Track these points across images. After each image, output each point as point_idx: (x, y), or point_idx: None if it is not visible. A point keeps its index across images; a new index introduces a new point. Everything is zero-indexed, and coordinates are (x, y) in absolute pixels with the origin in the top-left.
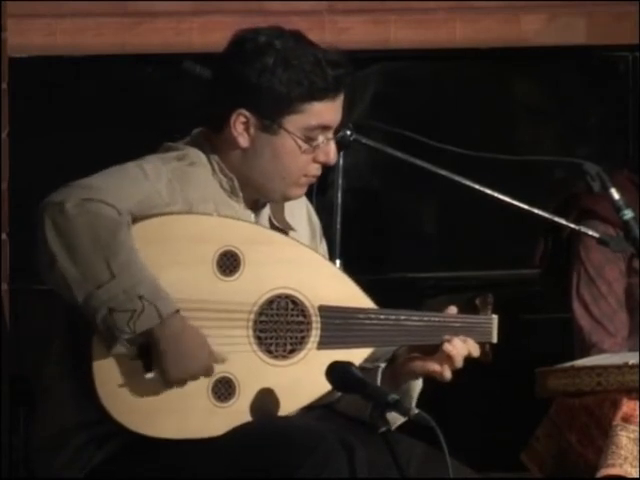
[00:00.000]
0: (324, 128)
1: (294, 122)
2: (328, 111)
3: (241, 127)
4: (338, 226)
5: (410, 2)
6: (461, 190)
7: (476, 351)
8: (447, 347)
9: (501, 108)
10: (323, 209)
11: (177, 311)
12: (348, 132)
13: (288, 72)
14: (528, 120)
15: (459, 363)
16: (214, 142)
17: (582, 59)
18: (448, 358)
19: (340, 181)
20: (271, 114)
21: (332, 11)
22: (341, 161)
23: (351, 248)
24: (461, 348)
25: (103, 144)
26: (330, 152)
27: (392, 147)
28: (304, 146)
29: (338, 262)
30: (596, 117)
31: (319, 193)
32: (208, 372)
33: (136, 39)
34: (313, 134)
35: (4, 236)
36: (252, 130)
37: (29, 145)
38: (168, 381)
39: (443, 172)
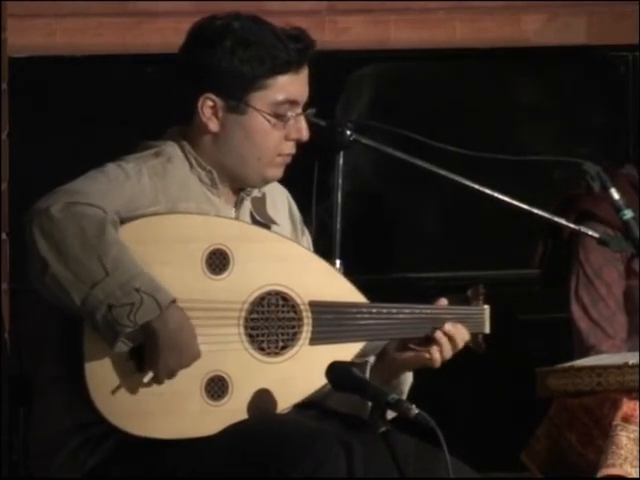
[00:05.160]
0: (291, 103)
1: (261, 99)
2: (293, 84)
3: (209, 111)
4: (338, 226)
5: (410, 2)
6: (461, 190)
7: (466, 335)
8: (436, 334)
9: (501, 108)
10: (323, 209)
11: (174, 301)
12: (348, 132)
13: (249, 50)
14: (528, 120)
15: (447, 351)
16: (188, 134)
17: (582, 59)
18: (437, 344)
19: (340, 181)
20: (237, 94)
21: (332, 11)
22: (340, 161)
23: (351, 248)
24: (452, 332)
25: (103, 144)
26: (302, 128)
27: (392, 147)
28: (273, 121)
29: (338, 262)
30: (596, 117)
31: (320, 197)
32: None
33: (136, 39)
34: (281, 109)
35: (4, 236)
36: (220, 113)
37: (29, 145)
38: (162, 373)
39: (443, 172)
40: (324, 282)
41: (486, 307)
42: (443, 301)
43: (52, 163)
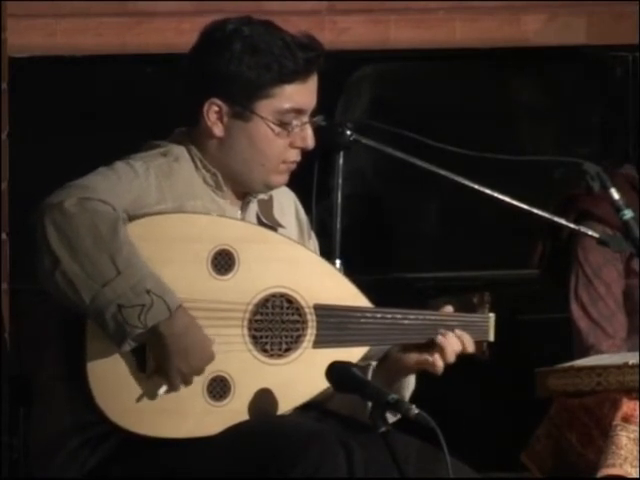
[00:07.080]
0: (297, 112)
1: (266, 107)
2: (300, 94)
3: (214, 116)
4: (338, 226)
5: (410, 2)
6: (461, 190)
7: (471, 346)
8: (439, 339)
9: (501, 108)
10: (323, 209)
11: (181, 305)
12: (348, 132)
13: (256, 57)
14: (528, 120)
15: (451, 356)
16: (193, 137)
17: (582, 59)
18: (440, 350)
19: (340, 181)
20: (242, 100)
21: (332, 11)
22: (340, 161)
23: (351, 248)
24: (454, 342)
25: (103, 144)
26: (307, 137)
27: (392, 147)
28: (277, 129)
29: (338, 262)
30: (596, 117)
31: (320, 197)
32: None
33: (136, 39)
34: (287, 118)
35: (4, 236)
36: (225, 119)
37: (29, 145)
38: (176, 378)
39: (443, 172)
40: (329, 285)
41: (491, 315)
42: (449, 308)
43: (52, 163)
